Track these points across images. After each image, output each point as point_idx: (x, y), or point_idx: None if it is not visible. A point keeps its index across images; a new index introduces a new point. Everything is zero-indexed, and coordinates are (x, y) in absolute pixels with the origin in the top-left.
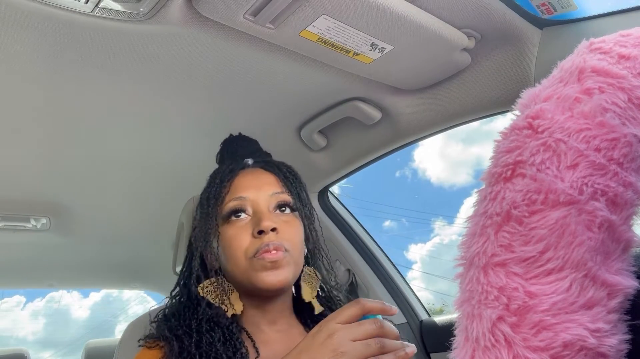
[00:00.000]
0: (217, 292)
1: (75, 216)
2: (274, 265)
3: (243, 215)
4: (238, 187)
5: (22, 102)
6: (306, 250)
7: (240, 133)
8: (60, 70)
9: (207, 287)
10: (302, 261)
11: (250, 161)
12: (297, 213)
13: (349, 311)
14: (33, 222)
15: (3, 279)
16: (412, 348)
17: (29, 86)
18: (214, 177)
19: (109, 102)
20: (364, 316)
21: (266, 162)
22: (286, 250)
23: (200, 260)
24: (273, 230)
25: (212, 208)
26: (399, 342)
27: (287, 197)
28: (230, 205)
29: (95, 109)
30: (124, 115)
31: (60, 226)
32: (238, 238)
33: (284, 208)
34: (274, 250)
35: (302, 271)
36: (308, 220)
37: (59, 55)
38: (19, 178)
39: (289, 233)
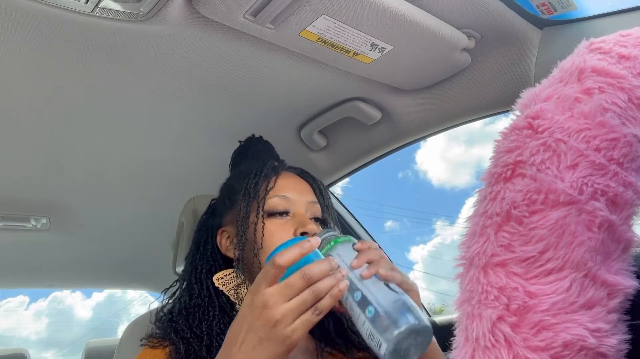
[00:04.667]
0: (232, 284)
1: (75, 216)
2: None
3: (284, 214)
4: (282, 186)
5: (22, 101)
6: None
7: (261, 136)
8: (60, 70)
9: (222, 278)
10: None
11: (276, 163)
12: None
13: (269, 273)
14: (33, 222)
15: (3, 279)
16: (345, 283)
17: (28, 86)
18: (258, 169)
19: (109, 101)
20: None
21: (302, 170)
22: None
23: (210, 252)
24: (314, 234)
25: (258, 199)
26: (331, 279)
27: (319, 210)
28: (275, 201)
29: (95, 109)
30: (124, 115)
31: (60, 226)
32: (279, 234)
33: (316, 220)
34: None
35: None
36: None
37: (59, 55)
38: (19, 178)
39: None
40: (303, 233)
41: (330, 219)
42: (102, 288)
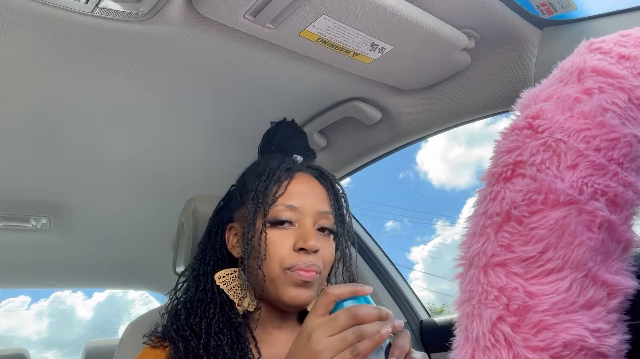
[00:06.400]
0: (234, 284)
1: (75, 216)
2: (305, 284)
3: (287, 224)
4: (292, 193)
5: (21, 101)
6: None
7: (293, 120)
8: (59, 70)
9: (224, 277)
10: (325, 280)
11: (299, 158)
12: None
13: (320, 304)
14: (33, 222)
15: (3, 279)
16: (386, 329)
17: (28, 86)
18: (271, 171)
19: (108, 101)
20: (338, 302)
21: (320, 173)
22: (319, 272)
23: (219, 246)
24: (315, 251)
25: (265, 205)
26: (375, 325)
27: (331, 220)
28: (279, 209)
29: (96, 109)
30: (124, 115)
31: (60, 226)
32: (279, 245)
33: (324, 230)
34: (310, 270)
35: None
36: (344, 244)
37: (59, 55)
38: (19, 178)
39: (325, 254)
40: (301, 249)
41: (343, 229)
42: (102, 288)
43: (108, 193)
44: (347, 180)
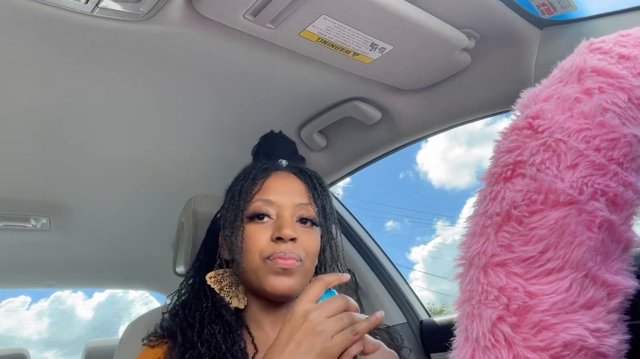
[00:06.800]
0: (224, 284)
1: (75, 216)
2: (285, 272)
3: (266, 218)
4: (268, 189)
5: (21, 101)
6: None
7: (280, 131)
8: (59, 70)
9: (214, 277)
10: (312, 271)
11: (284, 162)
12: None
13: (314, 288)
14: (33, 222)
15: (3, 279)
16: (380, 312)
17: (28, 86)
18: (247, 171)
19: (108, 101)
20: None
21: (299, 169)
22: (300, 260)
23: (213, 252)
24: (292, 239)
25: (241, 202)
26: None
27: (311, 211)
28: (257, 205)
29: (96, 109)
30: (124, 115)
31: (60, 226)
32: (257, 237)
33: (305, 221)
34: (288, 257)
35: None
36: (328, 235)
37: (59, 54)
38: (19, 178)
39: (306, 244)
40: (278, 239)
41: (325, 220)
42: (102, 288)
43: (108, 193)
44: (347, 180)
